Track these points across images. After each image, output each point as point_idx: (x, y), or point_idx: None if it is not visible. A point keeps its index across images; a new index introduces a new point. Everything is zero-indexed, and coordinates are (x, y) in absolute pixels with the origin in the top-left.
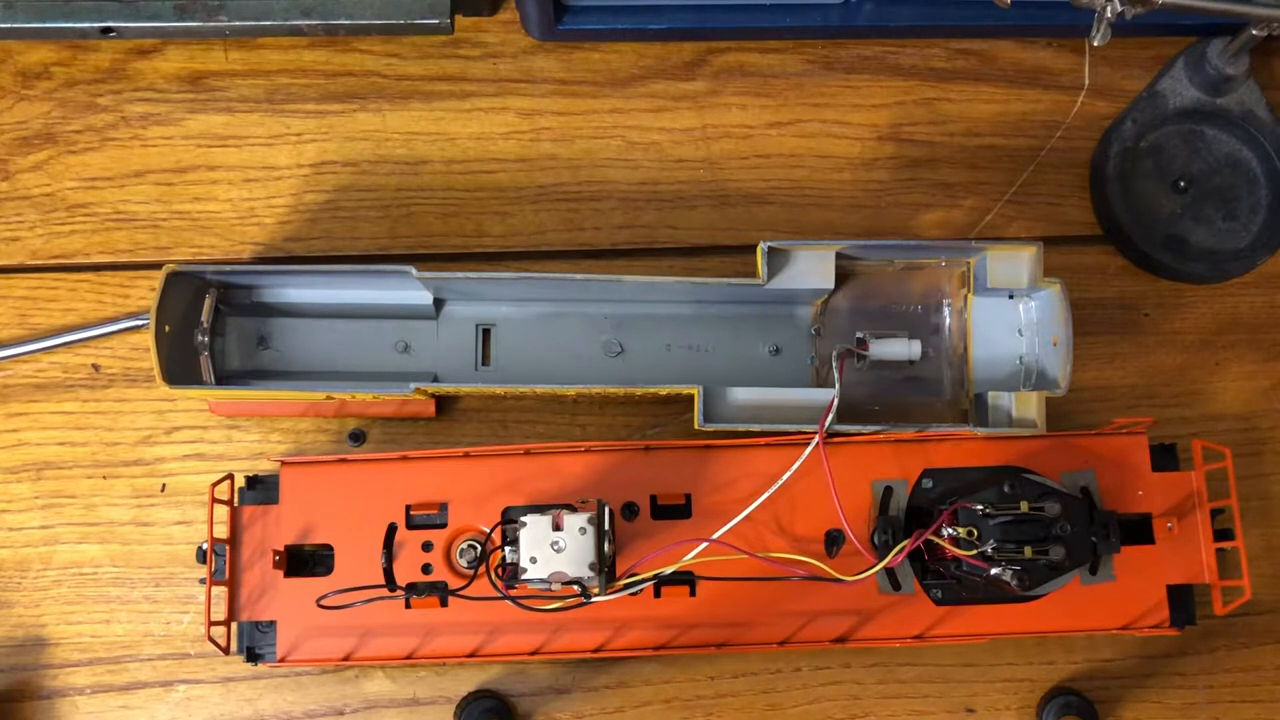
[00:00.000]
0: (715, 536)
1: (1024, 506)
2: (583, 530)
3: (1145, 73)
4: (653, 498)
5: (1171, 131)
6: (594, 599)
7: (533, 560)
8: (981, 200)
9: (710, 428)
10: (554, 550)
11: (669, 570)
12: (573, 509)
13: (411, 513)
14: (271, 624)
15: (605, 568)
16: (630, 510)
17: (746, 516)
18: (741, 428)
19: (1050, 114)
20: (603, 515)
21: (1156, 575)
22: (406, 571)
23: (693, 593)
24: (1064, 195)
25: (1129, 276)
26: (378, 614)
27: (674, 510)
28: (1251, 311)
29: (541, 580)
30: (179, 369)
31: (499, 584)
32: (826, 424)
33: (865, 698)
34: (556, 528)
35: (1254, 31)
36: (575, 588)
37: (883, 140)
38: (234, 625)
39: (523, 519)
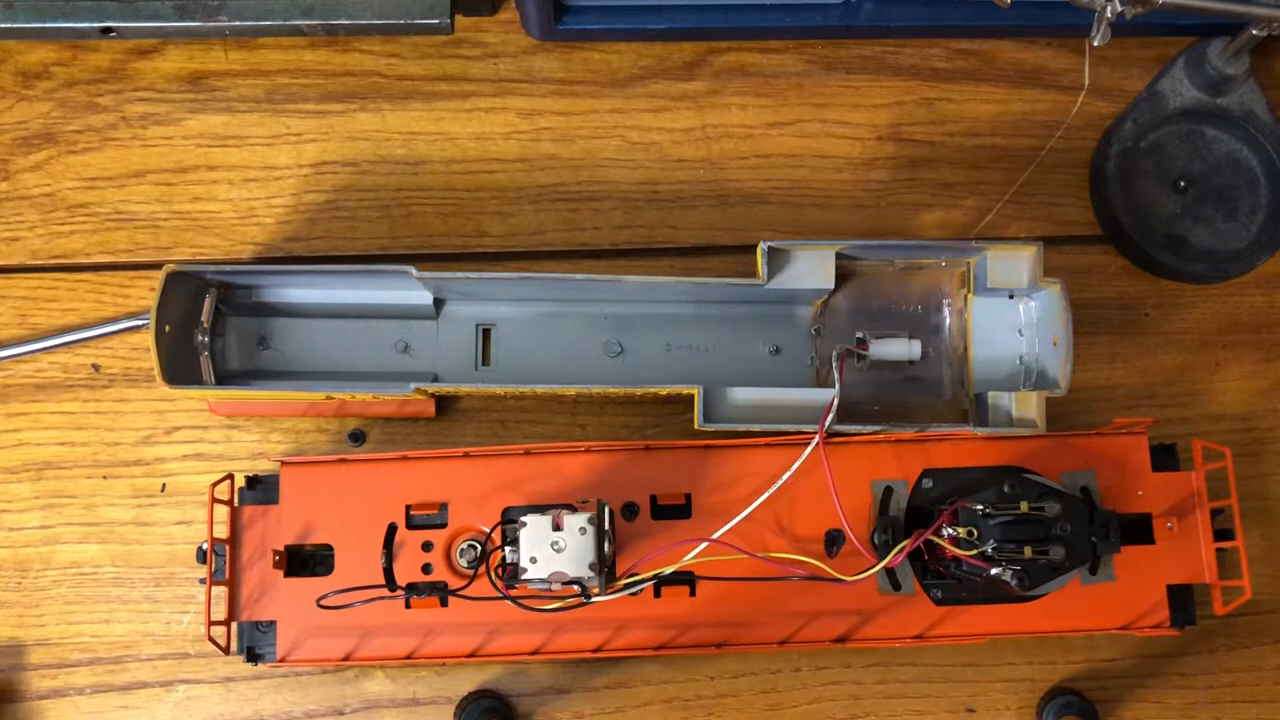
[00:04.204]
0: (715, 536)
1: (1024, 506)
2: (583, 530)
3: (1145, 73)
4: (653, 498)
5: (1171, 131)
6: (594, 599)
7: (533, 560)
8: (981, 200)
9: (710, 428)
10: (554, 550)
11: (669, 570)
12: (573, 509)
13: (411, 513)
14: (271, 624)
15: (605, 568)
16: (630, 510)
17: (747, 516)
18: (741, 428)
19: (1050, 114)
20: (603, 515)
21: (1156, 575)
22: (406, 571)
23: (693, 593)
24: (1064, 195)
25: (1129, 276)
26: (378, 614)
27: (674, 510)
28: (1251, 311)
29: (541, 580)
30: (179, 369)
31: (499, 584)
32: (826, 424)
33: (865, 698)
34: (556, 528)
35: (1254, 31)
36: (575, 588)
37: (883, 140)
38: (234, 625)
39: (523, 519)
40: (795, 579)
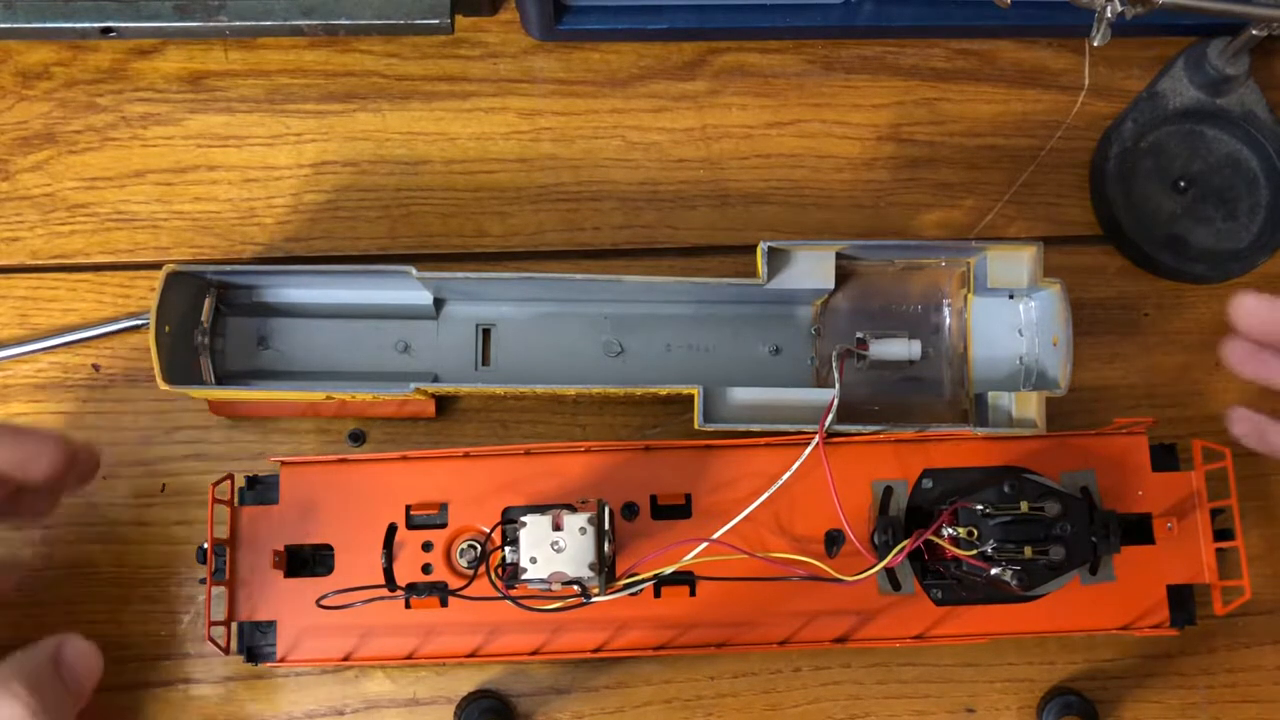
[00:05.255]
0: (715, 536)
1: (1024, 506)
2: (583, 530)
3: (1145, 73)
4: (653, 498)
5: (1171, 131)
6: (594, 599)
7: (533, 560)
8: (981, 200)
9: (710, 428)
10: (554, 550)
11: (669, 570)
12: (573, 509)
13: (411, 513)
14: (271, 624)
15: (605, 568)
16: (630, 510)
17: (747, 516)
18: (741, 428)
19: (1050, 114)
20: (603, 515)
21: (1156, 575)
22: (406, 571)
23: (693, 593)
24: (1064, 195)
25: (1129, 276)
26: (378, 614)
27: (674, 510)
28: None
29: (541, 580)
30: (179, 369)
31: (499, 584)
32: (826, 424)
33: (865, 698)
34: (556, 528)
35: (1254, 31)
36: (575, 588)
37: (883, 140)
38: (234, 625)
39: (523, 519)
40: (795, 579)
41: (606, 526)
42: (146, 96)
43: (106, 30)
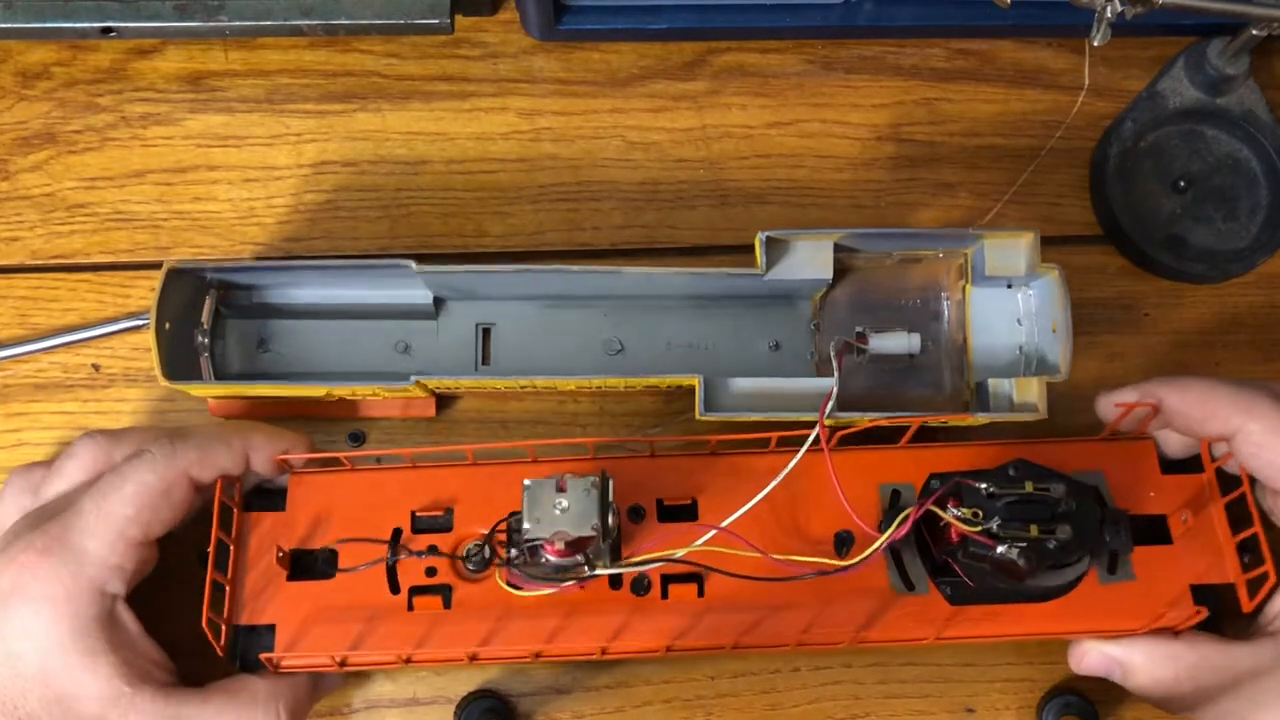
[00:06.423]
0: (724, 524)
1: (1029, 487)
2: (586, 492)
3: (1145, 73)
4: (659, 501)
5: (1171, 131)
6: (597, 573)
7: (536, 520)
8: (982, 200)
9: (711, 417)
10: (557, 511)
11: (679, 554)
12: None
13: (417, 516)
14: (271, 627)
15: (610, 538)
16: (636, 513)
17: (755, 521)
18: (742, 416)
19: (1050, 114)
20: (606, 485)
21: (1176, 574)
22: (410, 575)
23: (700, 592)
24: (1064, 195)
25: (1129, 276)
26: (379, 617)
27: (680, 511)
28: (1251, 311)
29: (544, 538)
30: (179, 368)
31: (502, 580)
32: (827, 411)
33: (865, 698)
34: (560, 490)
35: (1254, 31)
36: (582, 570)
37: (882, 140)
38: (233, 627)
39: (526, 481)
40: (805, 577)
41: (610, 499)
42: (146, 96)
43: (106, 30)
